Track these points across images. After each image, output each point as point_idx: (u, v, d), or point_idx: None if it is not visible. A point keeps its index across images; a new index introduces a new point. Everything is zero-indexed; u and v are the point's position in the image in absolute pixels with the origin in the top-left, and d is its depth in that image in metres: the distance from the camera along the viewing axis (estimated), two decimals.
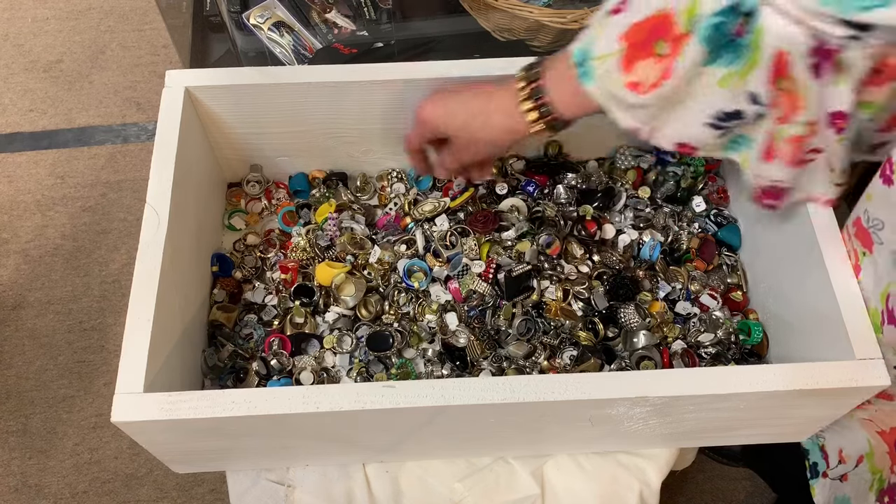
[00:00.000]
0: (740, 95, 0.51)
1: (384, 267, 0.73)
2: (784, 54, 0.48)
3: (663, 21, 0.50)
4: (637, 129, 0.56)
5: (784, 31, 0.47)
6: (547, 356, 0.68)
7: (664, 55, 0.50)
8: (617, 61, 0.52)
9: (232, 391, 0.55)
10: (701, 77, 0.51)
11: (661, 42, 0.50)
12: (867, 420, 0.71)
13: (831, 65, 0.48)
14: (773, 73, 0.49)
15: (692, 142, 0.56)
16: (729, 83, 0.50)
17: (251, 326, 0.72)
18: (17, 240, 1.50)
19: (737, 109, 0.52)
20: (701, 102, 0.52)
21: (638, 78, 0.52)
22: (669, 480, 0.73)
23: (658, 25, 0.50)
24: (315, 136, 0.77)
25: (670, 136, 0.56)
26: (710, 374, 0.56)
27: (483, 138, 0.63)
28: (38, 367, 1.37)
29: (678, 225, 0.78)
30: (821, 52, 0.47)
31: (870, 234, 0.60)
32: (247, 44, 0.82)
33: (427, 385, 0.55)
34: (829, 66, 0.48)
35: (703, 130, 0.54)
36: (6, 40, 1.78)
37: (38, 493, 1.26)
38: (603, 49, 0.53)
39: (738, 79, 0.50)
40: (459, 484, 0.69)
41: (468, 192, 0.76)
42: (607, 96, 0.54)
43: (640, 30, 0.51)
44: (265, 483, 0.70)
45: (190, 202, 0.69)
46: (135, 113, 1.68)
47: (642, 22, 0.51)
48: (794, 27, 0.46)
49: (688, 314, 0.73)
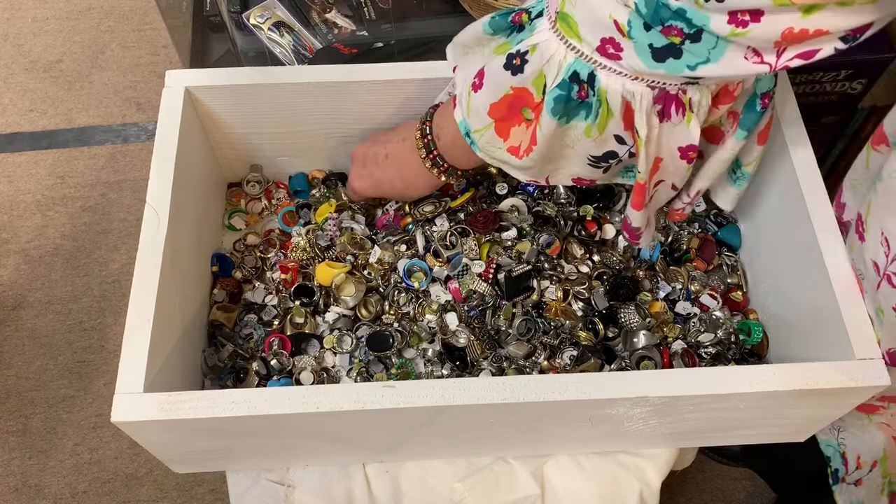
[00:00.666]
0: (608, 140, 0.54)
1: (384, 267, 0.73)
2: (630, 104, 0.51)
3: (520, 94, 0.54)
4: (532, 182, 0.61)
5: (625, 87, 0.50)
6: (547, 356, 0.68)
7: (530, 120, 0.55)
8: (493, 132, 0.57)
9: (232, 391, 0.55)
10: (567, 132, 0.54)
11: (526, 108, 0.54)
12: (885, 424, 0.72)
13: (679, 106, 0.51)
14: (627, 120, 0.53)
15: (586, 178, 0.60)
16: (591, 134, 0.54)
17: (251, 326, 0.73)
18: (17, 240, 1.50)
19: (609, 150, 0.55)
20: (577, 150, 0.56)
21: (514, 143, 0.56)
22: (669, 480, 0.73)
23: (516, 99, 0.54)
24: (315, 136, 0.77)
25: (564, 178, 0.61)
26: (710, 374, 0.56)
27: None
28: (38, 367, 1.37)
29: (678, 225, 0.78)
30: (666, 97, 0.51)
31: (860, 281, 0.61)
32: (247, 44, 0.82)
33: (427, 385, 0.55)
34: (677, 108, 0.52)
35: (589, 170, 0.58)
36: (6, 40, 1.78)
37: (38, 493, 1.26)
38: (477, 124, 0.58)
39: (598, 130, 0.53)
40: (459, 484, 0.69)
41: (469, 192, 0.76)
42: (496, 161, 0.59)
43: (500, 107, 0.55)
44: (265, 483, 0.70)
45: (190, 202, 0.69)
46: (135, 113, 1.68)
47: (498, 102, 0.55)
48: (633, 83, 0.50)
49: (688, 314, 0.73)
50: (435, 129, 0.64)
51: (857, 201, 0.64)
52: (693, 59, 0.46)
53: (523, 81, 0.53)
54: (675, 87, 0.50)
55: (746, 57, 0.45)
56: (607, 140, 0.54)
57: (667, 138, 0.54)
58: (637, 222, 0.61)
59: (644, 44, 0.47)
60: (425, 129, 0.64)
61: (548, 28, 0.51)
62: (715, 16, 0.42)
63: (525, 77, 0.53)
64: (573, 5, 0.49)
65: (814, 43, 0.43)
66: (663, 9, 0.44)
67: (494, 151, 0.58)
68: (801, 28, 0.41)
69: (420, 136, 0.64)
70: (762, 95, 0.56)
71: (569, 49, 0.50)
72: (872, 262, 0.59)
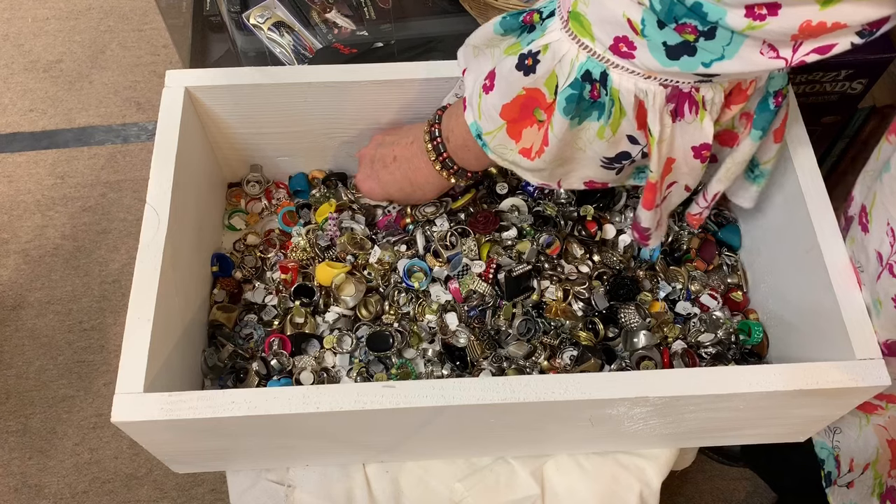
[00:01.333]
0: (620, 140, 0.54)
1: (384, 267, 0.73)
2: (643, 104, 0.51)
3: (532, 95, 0.54)
4: (544, 185, 0.60)
5: (638, 86, 0.50)
6: (547, 356, 0.68)
7: (542, 121, 0.54)
8: (504, 134, 0.56)
9: (232, 391, 0.55)
10: (579, 134, 0.54)
11: (538, 109, 0.54)
12: (881, 427, 0.72)
13: (692, 104, 0.51)
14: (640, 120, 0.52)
15: (598, 181, 0.60)
16: (604, 135, 0.53)
17: (251, 326, 0.72)
18: (17, 240, 1.50)
19: (622, 151, 0.55)
20: (589, 153, 0.56)
21: (526, 144, 0.56)
22: (669, 480, 0.73)
23: (528, 100, 0.54)
24: (315, 136, 0.77)
25: (577, 182, 0.60)
26: (710, 374, 0.56)
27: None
28: (38, 367, 1.37)
29: (678, 225, 0.78)
30: (679, 96, 0.51)
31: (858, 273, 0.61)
32: (247, 44, 0.82)
33: (427, 385, 0.55)
34: (690, 106, 0.51)
35: (602, 172, 0.58)
36: (6, 40, 1.78)
37: (38, 493, 1.26)
38: (489, 126, 0.57)
39: (611, 130, 0.53)
40: (459, 484, 0.69)
41: (469, 193, 0.76)
42: (507, 164, 0.59)
43: (513, 108, 0.55)
44: (265, 483, 0.70)
45: (190, 202, 0.69)
46: (135, 113, 1.68)
47: (510, 103, 0.55)
48: (646, 81, 0.50)
49: (688, 314, 0.73)
50: (444, 131, 0.63)
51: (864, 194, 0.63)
52: (707, 56, 0.46)
53: (535, 82, 0.53)
54: (688, 85, 0.50)
55: (762, 52, 0.45)
56: (620, 141, 0.54)
57: (680, 137, 0.53)
58: (647, 223, 0.61)
59: (658, 42, 0.46)
60: (434, 132, 0.64)
61: (560, 28, 0.51)
62: (732, 10, 0.42)
63: (537, 77, 0.52)
64: (586, 4, 0.48)
65: (831, 37, 0.43)
66: (678, 5, 0.44)
67: (506, 153, 0.58)
68: (820, 21, 0.41)
69: (429, 138, 0.64)
70: (775, 94, 0.55)
71: (581, 48, 0.50)
72: (876, 253, 0.59)
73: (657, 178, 0.55)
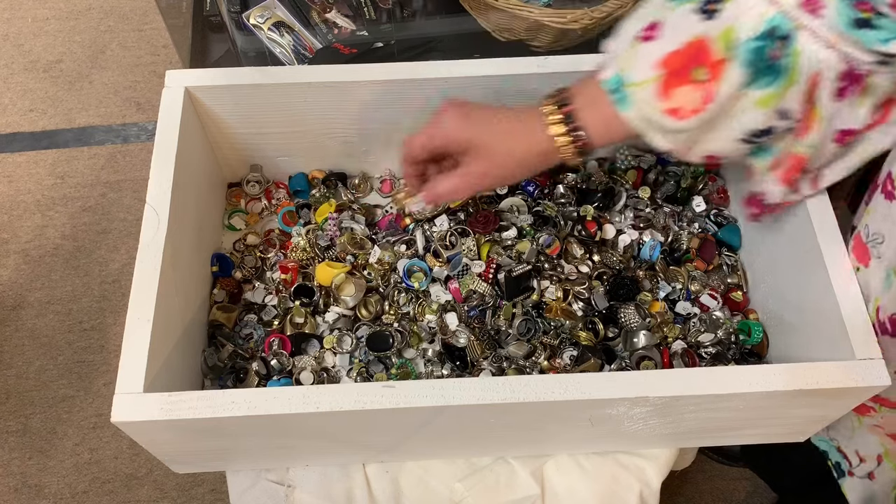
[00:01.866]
0: (773, 115, 0.53)
1: (384, 267, 0.73)
2: (817, 76, 0.50)
3: (700, 48, 0.51)
4: (673, 149, 0.57)
5: (819, 55, 0.49)
6: (547, 356, 0.68)
7: (703, 81, 0.52)
8: (654, 88, 0.53)
9: (232, 391, 0.55)
10: (740, 99, 0.52)
11: (699, 68, 0.52)
12: (876, 426, 0.72)
13: (858, 87, 0.50)
14: (809, 92, 0.51)
15: (720, 154, 0.57)
16: (768, 104, 0.52)
17: (251, 326, 0.72)
18: (17, 240, 1.50)
19: (769, 126, 0.54)
20: (738, 122, 0.54)
21: (677, 104, 0.53)
22: (669, 480, 0.73)
23: (695, 53, 0.52)
24: (315, 136, 0.77)
25: (701, 153, 0.57)
26: (710, 374, 0.56)
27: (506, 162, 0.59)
28: (38, 367, 1.37)
29: (678, 225, 0.78)
30: (851, 76, 0.50)
31: (868, 249, 0.60)
32: (247, 44, 0.82)
33: (427, 385, 0.55)
34: (855, 89, 0.50)
35: (734, 146, 0.56)
36: (6, 40, 1.78)
37: (38, 493, 1.26)
38: (639, 76, 0.54)
39: (776, 99, 0.52)
40: (459, 484, 0.69)
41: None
42: (645, 122, 0.55)
43: (678, 58, 0.52)
44: (265, 483, 0.70)
45: (190, 202, 0.69)
46: (135, 113, 1.68)
47: (680, 50, 0.52)
48: (826, 51, 0.49)
49: (688, 314, 0.73)
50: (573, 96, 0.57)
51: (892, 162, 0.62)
52: (884, 34, 0.46)
53: (710, 30, 0.51)
54: (865, 66, 0.49)
55: None
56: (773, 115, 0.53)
57: (834, 118, 0.53)
58: (779, 197, 0.60)
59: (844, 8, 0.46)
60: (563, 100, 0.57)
61: None
62: None
63: (716, 24, 0.51)
64: None
65: None
66: None
67: (649, 110, 0.54)
68: None
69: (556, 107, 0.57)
70: None
71: (770, 4, 0.49)
72: None
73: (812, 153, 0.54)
